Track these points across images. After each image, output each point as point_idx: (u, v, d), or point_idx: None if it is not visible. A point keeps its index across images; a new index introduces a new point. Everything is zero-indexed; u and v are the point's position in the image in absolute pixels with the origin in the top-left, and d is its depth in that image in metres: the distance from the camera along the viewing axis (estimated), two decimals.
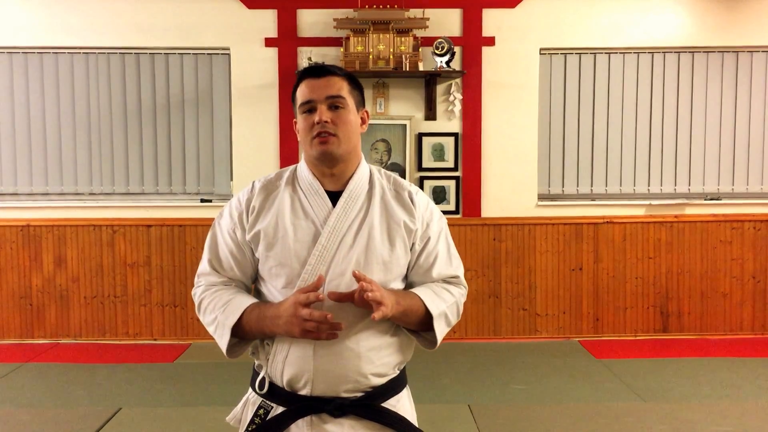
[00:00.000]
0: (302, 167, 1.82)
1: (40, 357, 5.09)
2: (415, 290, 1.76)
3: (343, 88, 1.74)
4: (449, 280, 1.84)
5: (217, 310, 1.72)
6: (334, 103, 1.72)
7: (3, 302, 5.44)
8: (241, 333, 1.70)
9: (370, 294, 1.56)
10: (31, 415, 3.95)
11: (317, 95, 1.72)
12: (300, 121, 1.76)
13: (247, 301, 1.72)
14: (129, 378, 4.60)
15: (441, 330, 1.75)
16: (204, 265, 1.82)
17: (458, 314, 1.82)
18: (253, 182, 1.83)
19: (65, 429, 3.77)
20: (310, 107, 1.73)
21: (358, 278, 1.59)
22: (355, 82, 1.80)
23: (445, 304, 1.76)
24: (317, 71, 1.75)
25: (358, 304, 1.61)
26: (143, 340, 5.47)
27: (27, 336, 5.47)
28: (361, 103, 1.81)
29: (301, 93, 1.75)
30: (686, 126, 5.56)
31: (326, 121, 1.70)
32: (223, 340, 1.70)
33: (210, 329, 1.75)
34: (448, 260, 1.83)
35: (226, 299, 1.73)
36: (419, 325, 1.74)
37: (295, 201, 1.77)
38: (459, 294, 1.84)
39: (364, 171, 1.81)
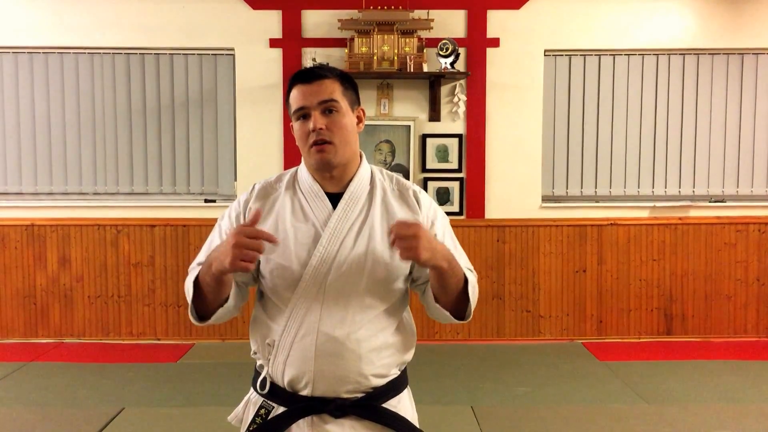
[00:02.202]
0: (303, 170, 1.82)
1: (44, 356, 5.10)
2: None
3: (335, 90, 1.72)
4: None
5: (190, 279, 1.71)
6: (328, 107, 1.70)
7: (7, 301, 5.46)
8: (202, 290, 1.66)
9: (399, 234, 1.52)
10: (34, 415, 3.96)
11: (309, 101, 1.70)
12: (296, 128, 1.75)
13: None
14: (132, 378, 4.61)
15: (473, 296, 1.72)
16: (194, 264, 1.79)
17: (476, 297, 1.78)
18: (254, 184, 1.84)
19: (69, 428, 3.77)
20: (303, 113, 1.71)
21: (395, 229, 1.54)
22: (347, 81, 1.77)
23: (474, 278, 1.75)
24: (307, 76, 1.73)
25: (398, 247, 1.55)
26: (147, 339, 5.48)
27: (31, 335, 5.48)
28: (355, 102, 1.79)
29: (294, 99, 1.74)
30: (691, 128, 5.55)
31: (321, 129, 1.69)
32: (188, 295, 1.68)
33: (188, 299, 1.71)
34: (457, 256, 1.82)
35: (197, 269, 1.71)
36: (457, 285, 1.70)
37: (295, 203, 1.77)
38: (475, 279, 1.81)
39: (364, 172, 1.81)
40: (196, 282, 1.67)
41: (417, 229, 1.54)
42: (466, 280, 1.71)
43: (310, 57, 5.27)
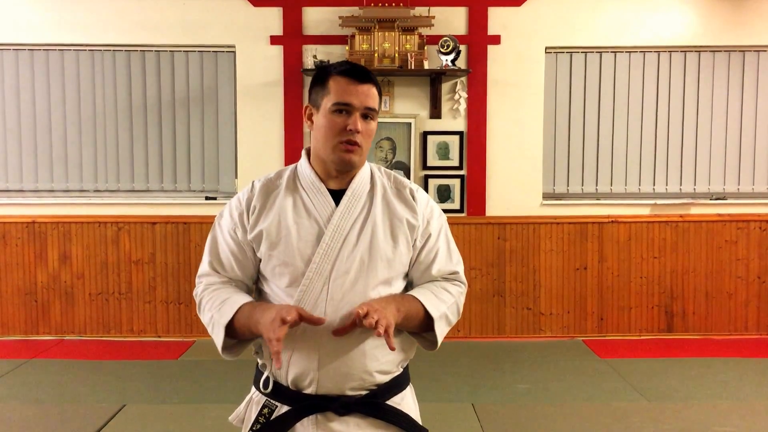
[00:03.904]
0: (303, 165, 1.82)
1: (45, 353, 5.10)
2: (414, 292, 1.76)
3: (377, 100, 1.75)
4: (448, 278, 1.84)
5: (214, 309, 1.71)
6: (368, 114, 1.73)
7: (8, 298, 5.46)
8: (233, 332, 1.69)
9: (372, 322, 1.55)
10: (35, 411, 3.97)
11: (358, 102, 1.70)
12: (328, 119, 1.72)
13: (242, 299, 1.71)
14: (133, 375, 4.61)
15: (442, 331, 1.76)
16: (204, 267, 1.82)
17: (458, 313, 1.83)
18: (253, 182, 1.83)
19: (70, 425, 3.78)
20: (345, 109, 1.70)
21: (355, 315, 1.59)
22: (381, 94, 1.81)
23: (445, 305, 1.77)
24: (361, 75, 1.72)
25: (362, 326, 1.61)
26: (148, 337, 5.49)
27: (32, 332, 5.48)
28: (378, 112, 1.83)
29: (341, 91, 1.71)
30: (692, 125, 5.54)
31: (359, 131, 1.70)
32: (218, 338, 1.70)
33: (208, 328, 1.75)
34: (448, 257, 1.84)
35: (223, 298, 1.72)
36: (420, 327, 1.75)
37: (297, 200, 1.76)
38: (458, 293, 1.84)
39: (365, 170, 1.82)
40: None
41: (368, 307, 1.58)
42: (430, 317, 1.73)
43: (311, 54, 5.26)
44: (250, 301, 1.72)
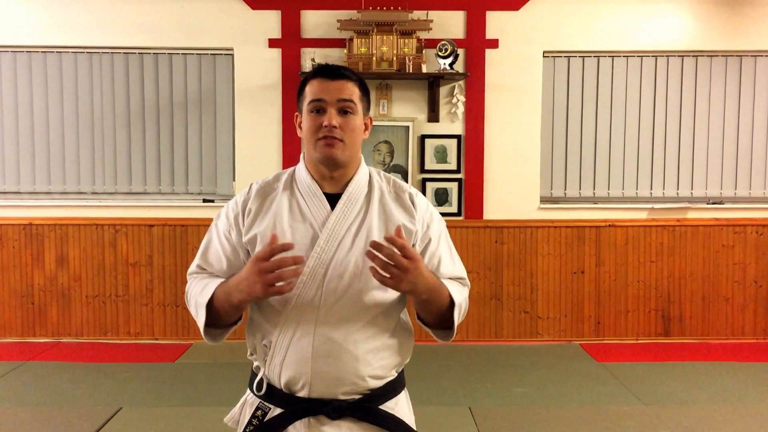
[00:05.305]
0: (301, 169, 1.82)
1: (42, 356, 5.09)
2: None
3: (354, 93, 1.74)
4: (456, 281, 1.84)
5: (197, 294, 1.73)
6: (345, 108, 1.71)
7: (5, 300, 5.45)
8: (216, 312, 1.69)
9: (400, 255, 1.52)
10: (31, 414, 3.96)
11: (329, 96, 1.70)
12: (307, 121, 1.74)
13: (221, 280, 1.72)
14: (130, 377, 4.61)
15: (457, 317, 1.74)
16: (193, 266, 1.83)
17: (465, 313, 1.82)
18: (251, 184, 1.83)
19: (66, 428, 3.77)
20: (319, 107, 1.71)
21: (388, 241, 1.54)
22: (365, 87, 1.79)
23: (461, 296, 1.77)
24: (332, 72, 1.74)
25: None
26: (144, 339, 5.48)
27: (28, 334, 5.47)
28: (367, 109, 1.81)
29: (312, 90, 1.73)
30: (689, 130, 5.55)
31: (335, 126, 1.69)
32: (199, 319, 1.70)
33: (193, 314, 1.75)
34: (451, 262, 1.83)
35: (205, 283, 1.73)
36: (439, 310, 1.72)
37: (293, 203, 1.76)
38: (466, 293, 1.84)
39: (363, 174, 1.81)
40: (209, 306, 1.69)
41: (412, 264, 1.54)
42: (452, 303, 1.71)
43: (309, 57, 5.27)
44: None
